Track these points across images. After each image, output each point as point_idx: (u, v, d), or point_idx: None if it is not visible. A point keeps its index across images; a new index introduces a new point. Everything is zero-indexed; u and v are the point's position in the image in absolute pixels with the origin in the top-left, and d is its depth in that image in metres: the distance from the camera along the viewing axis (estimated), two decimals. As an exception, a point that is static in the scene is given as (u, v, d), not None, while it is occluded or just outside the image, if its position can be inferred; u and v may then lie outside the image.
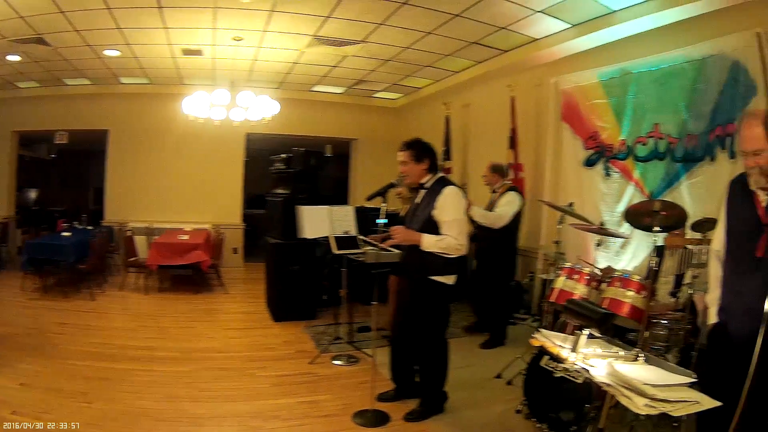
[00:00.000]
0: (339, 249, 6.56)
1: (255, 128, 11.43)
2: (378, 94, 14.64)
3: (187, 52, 10.26)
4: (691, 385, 2.84)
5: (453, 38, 9.15)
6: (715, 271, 3.79)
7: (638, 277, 5.28)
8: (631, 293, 5.18)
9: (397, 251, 5.26)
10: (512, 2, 7.46)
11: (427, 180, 5.29)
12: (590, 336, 3.23)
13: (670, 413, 2.56)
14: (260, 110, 10.24)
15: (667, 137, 7.10)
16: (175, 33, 9.03)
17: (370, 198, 5.40)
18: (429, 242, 5.00)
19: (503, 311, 8.02)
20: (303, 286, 8.83)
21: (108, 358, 6.59)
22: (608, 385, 2.69)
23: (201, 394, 5.62)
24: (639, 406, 2.51)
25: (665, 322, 5.17)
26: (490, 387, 6.20)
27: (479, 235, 7.74)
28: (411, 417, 5.25)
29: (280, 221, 8.77)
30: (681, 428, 4.54)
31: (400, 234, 5.09)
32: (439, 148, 10.92)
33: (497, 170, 8.04)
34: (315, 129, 15.01)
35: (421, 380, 5.47)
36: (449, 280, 5.15)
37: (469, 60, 10.56)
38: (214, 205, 13.98)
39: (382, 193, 5.30)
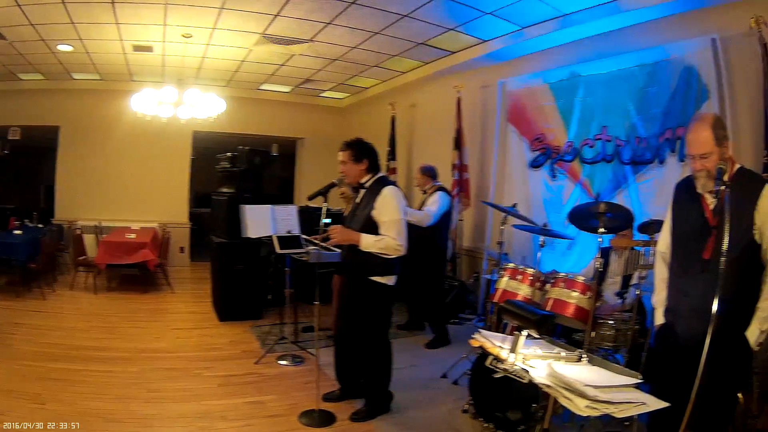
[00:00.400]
0: (282, 249, 6.50)
1: (202, 126, 11.26)
2: (325, 94, 14.53)
3: (138, 49, 10.04)
4: (638, 386, 2.82)
5: (401, 38, 9.09)
6: (661, 273, 3.82)
7: (583, 278, 5.25)
8: (575, 294, 5.14)
9: (338, 251, 5.22)
10: (462, 4, 7.42)
11: (367, 180, 5.25)
12: (534, 337, 3.19)
13: (613, 414, 2.52)
14: (207, 108, 10.14)
15: (615, 139, 7.15)
16: (127, 29, 8.82)
17: (311, 197, 5.34)
18: (368, 242, 4.94)
19: (441, 310, 8.07)
20: (248, 285, 8.73)
21: (61, 358, 6.46)
22: (548, 386, 2.65)
23: (150, 395, 5.54)
24: (580, 407, 2.47)
25: (612, 322, 5.17)
26: (436, 387, 6.18)
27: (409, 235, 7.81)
28: (357, 417, 5.21)
29: (225, 220, 8.66)
30: (633, 427, 4.57)
31: (339, 234, 5.01)
32: (384, 149, 10.96)
33: (426, 172, 8.08)
34: (262, 128, 14.89)
35: (365, 380, 5.43)
36: (389, 280, 5.10)
37: (416, 60, 10.52)
38: (161, 203, 13.72)
39: (323, 192, 5.23)
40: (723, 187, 3.14)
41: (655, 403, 2.67)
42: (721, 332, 3.05)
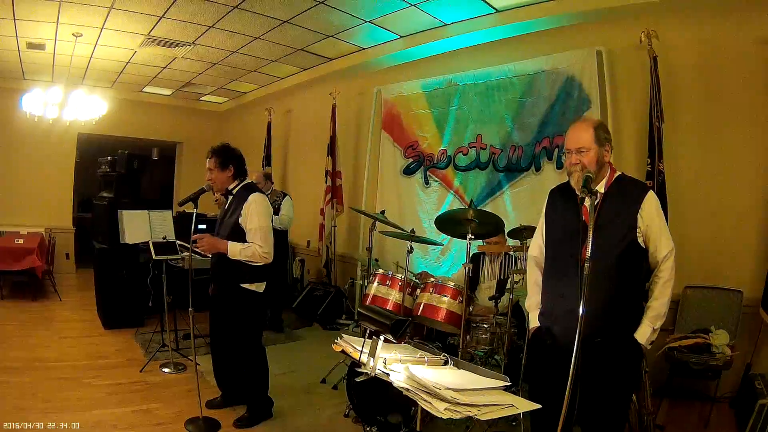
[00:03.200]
0: (158, 255, 6.43)
1: (84, 128, 11.06)
2: (205, 98, 14.42)
3: (31, 46, 9.71)
4: (508, 389, 2.84)
5: (280, 44, 9.10)
6: (533, 277, 3.83)
7: (453, 284, 5.35)
8: (446, 299, 5.24)
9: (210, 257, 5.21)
10: (342, 11, 7.48)
11: (234, 186, 5.24)
12: (391, 341, 3.21)
13: (476, 417, 2.54)
14: (90, 110, 9.98)
15: (490, 147, 7.31)
16: (22, 25, 8.54)
17: (182, 203, 5.31)
18: (234, 251, 4.93)
19: (277, 302, 8.59)
20: (130, 292, 8.54)
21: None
22: (407, 389, 2.66)
23: (45, 405, 5.40)
24: (439, 410, 2.47)
25: (487, 326, 5.29)
26: (316, 392, 6.23)
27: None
28: (240, 423, 5.18)
29: (106, 226, 8.45)
30: (520, 427, 4.70)
31: (206, 243, 5.02)
32: (260, 154, 10.93)
33: (269, 177, 8.51)
34: (145, 131, 14.58)
35: (244, 387, 5.40)
36: (259, 287, 5.10)
37: (294, 66, 10.56)
38: (47, 207, 13.20)
39: (193, 198, 5.19)
40: (588, 194, 3.10)
41: (524, 405, 2.67)
42: (605, 333, 3.19)
